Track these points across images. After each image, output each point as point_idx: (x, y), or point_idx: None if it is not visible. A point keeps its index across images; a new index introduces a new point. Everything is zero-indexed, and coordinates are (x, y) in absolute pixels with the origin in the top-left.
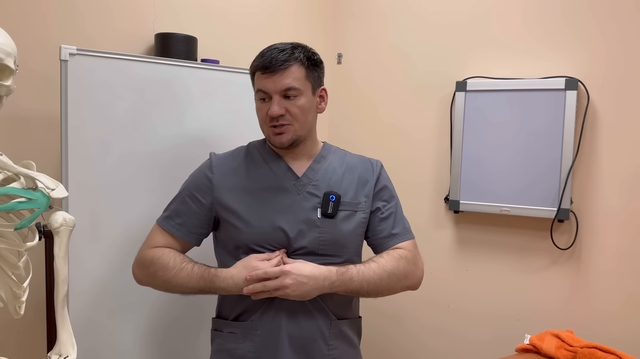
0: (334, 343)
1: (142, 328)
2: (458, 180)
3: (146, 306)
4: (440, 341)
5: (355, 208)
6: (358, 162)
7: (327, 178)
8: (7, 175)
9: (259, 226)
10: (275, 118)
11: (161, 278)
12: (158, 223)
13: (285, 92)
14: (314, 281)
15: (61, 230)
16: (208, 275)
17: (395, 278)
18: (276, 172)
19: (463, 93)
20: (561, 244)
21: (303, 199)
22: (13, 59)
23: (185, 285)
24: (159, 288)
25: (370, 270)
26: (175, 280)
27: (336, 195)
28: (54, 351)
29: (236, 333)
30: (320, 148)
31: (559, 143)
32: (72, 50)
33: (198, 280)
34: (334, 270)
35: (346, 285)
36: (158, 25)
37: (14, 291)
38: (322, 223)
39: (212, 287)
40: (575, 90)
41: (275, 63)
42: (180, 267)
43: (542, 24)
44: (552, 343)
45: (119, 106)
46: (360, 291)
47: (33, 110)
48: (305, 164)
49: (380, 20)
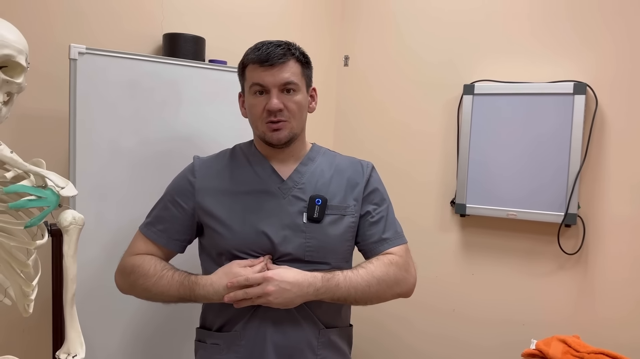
0: (322, 352)
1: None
2: (465, 184)
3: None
4: (445, 346)
5: (343, 212)
6: (348, 164)
7: (314, 181)
8: (17, 173)
9: (241, 232)
10: (274, 113)
11: (141, 286)
12: (140, 229)
13: (285, 86)
14: (297, 288)
15: (71, 228)
16: (188, 283)
17: (385, 284)
18: (260, 174)
19: (471, 96)
20: (568, 249)
21: (288, 203)
22: (25, 57)
23: (166, 293)
24: (141, 297)
25: (358, 276)
26: (156, 288)
27: (322, 198)
28: (63, 350)
29: (220, 344)
30: (308, 149)
31: (566, 147)
32: (81, 49)
33: (178, 287)
34: (319, 276)
35: (332, 292)
36: (166, 26)
37: (23, 290)
38: (307, 228)
39: (193, 295)
40: (584, 94)
41: (274, 57)
42: (161, 275)
43: (551, 28)
44: (559, 349)
45: (128, 105)
46: (348, 299)
47: (42, 109)
48: (291, 166)
49: (387, 23)
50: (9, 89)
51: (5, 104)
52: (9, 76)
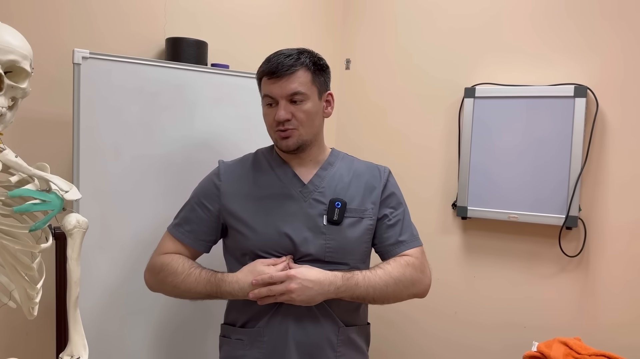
0: (342, 349)
1: (151, 333)
2: (466, 186)
3: (155, 311)
4: (447, 348)
5: (361, 215)
6: (365, 168)
7: (334, 185)
8: (21, 177)
9: (264, 233)
10: (282, 122)
11: (170, 284)
12: (168, 230)
13: (292, 96)
14: (319, 286)
15: (74, 231)
16: (215, 280)
17: (401, 285)
18: (282, 178)
19: (472, 99)
20: (569, 251)
21: (309, 206)
22: (29, 62)
23: (193, 289)
24: (169, 294)
25: (376, 276)
26: (184, 285)
27: (342, 201)
28: (66, 353)
29: (243, 339)
30: (328, 154)
31: (567, 150)
32: (84, 53)
33: (205, 284)
34: (339, 275)
35: (352, 291)
36: (169, 30)
37: (28, 293)
38: (327, 230)
39: (219, 291)
40: (584, 97)
41: (281, 69)
42: (189, 272)
43: (552, 30)
44: (560, 351)
45: (131, 109)
46: (366, 298)
47: (46, 113)
48: (311, 170)
49: (389, 27)
50: (13, 94)
51: (10, 109)
52: (14, 81)
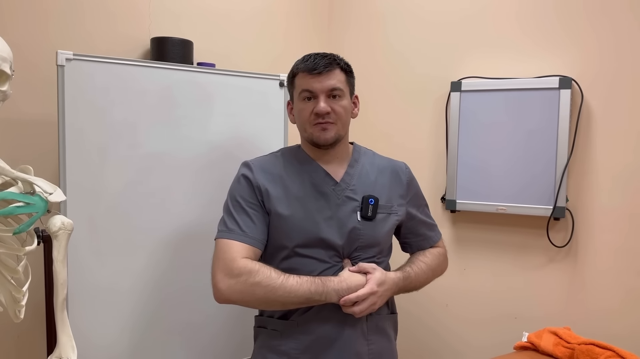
0: (372, 338)
1: (140, 335)
2: (454, 180)
3: (145, 312)
4: (438, 339)
5: (389, 211)
6: (387, 165)
7: (362, 182)
8: (4, 180)
9: (301, 231)
10: (322, 115)
11: (267, 287)
12: (229, 238)
13: (331, 91)
14: (390, 291)
15: (60, 233)
16: (318, 279)
17: (435, 274)
18: (315, 177)
19: (458, 93)
20: (557, 242)
21: (342, 203)
22: (9, 64)
23: (294, 292)
24: (256, 298)
25: (421, 270)
26: (284, 287)
27: (375, 198)
28: (55, 354)
29: (279, 330)
30: (352, 150)
31: (553, 141)
32: (68, 55)
33: (310, 284)
34: (400, 276)
35: (406, 287)
36: (154, 29)
37: (14, 296)
38: (362, 225)
39: (324, 291)
40: (569, 89)
41: (321, 65)
42: (285, 276)
43: (536, 23)
44: (550, 340)
45: (117, 110)
46: (410, 290)
47: (31, 114)
48: (340, 168)
49: (374, 22)
50: None
51: None
52: None
